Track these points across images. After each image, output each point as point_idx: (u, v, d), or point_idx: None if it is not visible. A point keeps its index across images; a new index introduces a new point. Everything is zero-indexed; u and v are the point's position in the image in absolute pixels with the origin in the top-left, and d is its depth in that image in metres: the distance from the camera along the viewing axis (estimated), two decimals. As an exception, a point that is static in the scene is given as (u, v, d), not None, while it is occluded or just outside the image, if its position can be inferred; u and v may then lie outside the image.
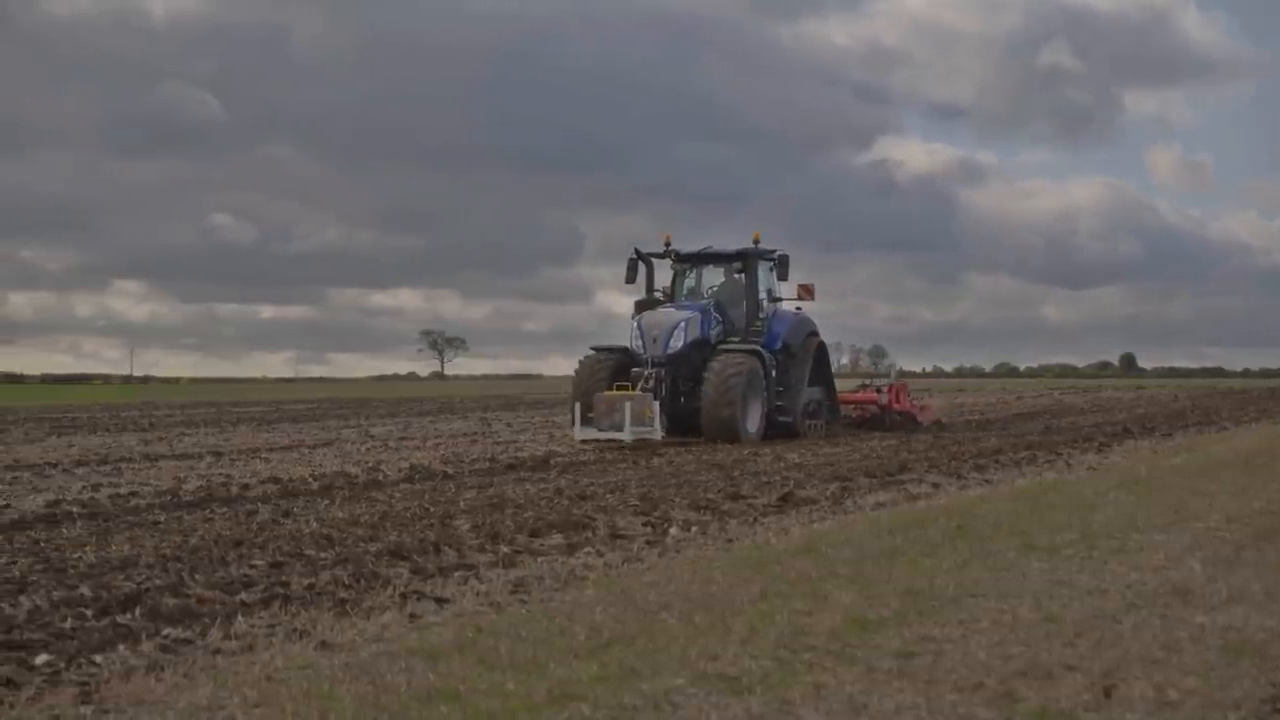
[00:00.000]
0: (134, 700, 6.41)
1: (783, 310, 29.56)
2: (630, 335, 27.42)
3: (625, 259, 29.36)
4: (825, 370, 30.65)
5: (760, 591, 9.11)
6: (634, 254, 29.39)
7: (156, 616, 8.35)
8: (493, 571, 10.35)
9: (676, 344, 26.82)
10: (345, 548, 11.38)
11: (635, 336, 27.21)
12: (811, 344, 29.71)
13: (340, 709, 6.18)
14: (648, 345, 26.88)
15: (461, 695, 6.43)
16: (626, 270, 29.22)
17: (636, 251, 29.43)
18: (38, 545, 11.57)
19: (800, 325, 29.53)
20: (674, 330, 26.92)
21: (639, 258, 29.41)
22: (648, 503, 15.05)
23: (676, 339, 26.86)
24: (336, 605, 8.86)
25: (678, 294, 29.52)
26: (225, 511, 14.27)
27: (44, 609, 8.44)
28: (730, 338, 28.28)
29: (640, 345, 27.01)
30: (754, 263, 29.07)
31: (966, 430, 32.72)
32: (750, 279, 29.02)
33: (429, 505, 14.82)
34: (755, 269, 29.08)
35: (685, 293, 29.54)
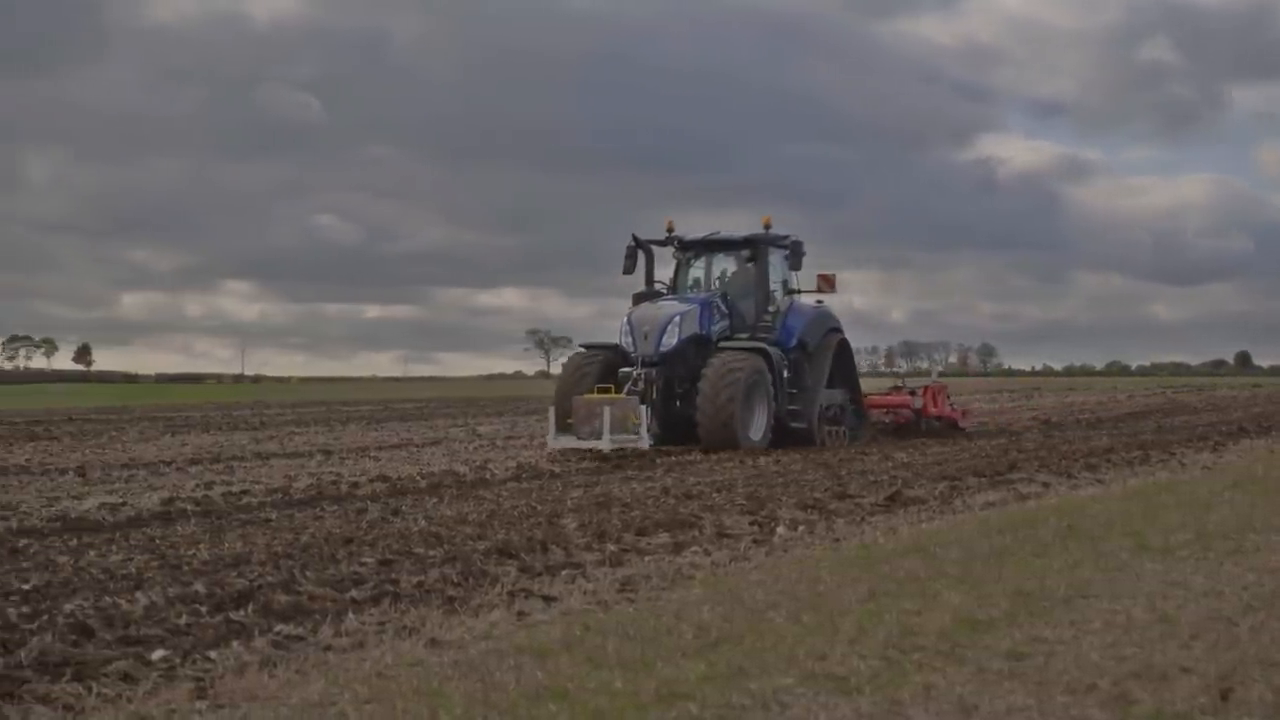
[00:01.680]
0: (248, 696, 6.48)
1: (800, 304, 26.86)
2: (620, 332, 24.75)
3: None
4: (849, 371, 28.08)
5: (868, 591, 9.05)
6: (632, 241, 26.57)
7: (269, 613, 8.44)
8: (600, 570, 10.36)
9: (670, 341, 24.10)
10: (454, 546, 11.45)
11: (625, 333, 24.54)
12: (832, 341, 27.00)
13: (449, 706, 6.21)
14: (638, 343, 24.15)
15: (570, 693, 6.44)
16: (624, 260, 26.46)
17: (634, 239, 26.60)
18: (153, 542, 11.75)
19: (819, 320, 26.82)
20: (667, 326, 24.19)
21: (637, 245, 26.59)
22: (754, 502, 15.01)
23: (670, 336, 24.14)
24: (445, 603, 8.91)
25: (681, 286, 26.82)
26: (335, 509, 14.42)
27: (160, 605, 8.56)
28: (739, 334, 25.52)
29: (630, 343, 24.32)
30: (764, 250, 26.23)
31: (1077, 429, 32.31)
32: (760, 268, 26.20)
33: (536, 504, 14.88)
34: (766, 257, 26.27)
35: (690, 285, 26.88)
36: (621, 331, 24.58)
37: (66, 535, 12.29)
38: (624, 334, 24.49)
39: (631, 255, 26.42)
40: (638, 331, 24.20)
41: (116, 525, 13.10)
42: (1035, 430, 31.95)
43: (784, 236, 26.41)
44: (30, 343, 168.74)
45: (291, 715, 6.15)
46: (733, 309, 25.76)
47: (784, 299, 26.60)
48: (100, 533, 12.48)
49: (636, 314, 24.68)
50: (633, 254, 26.43)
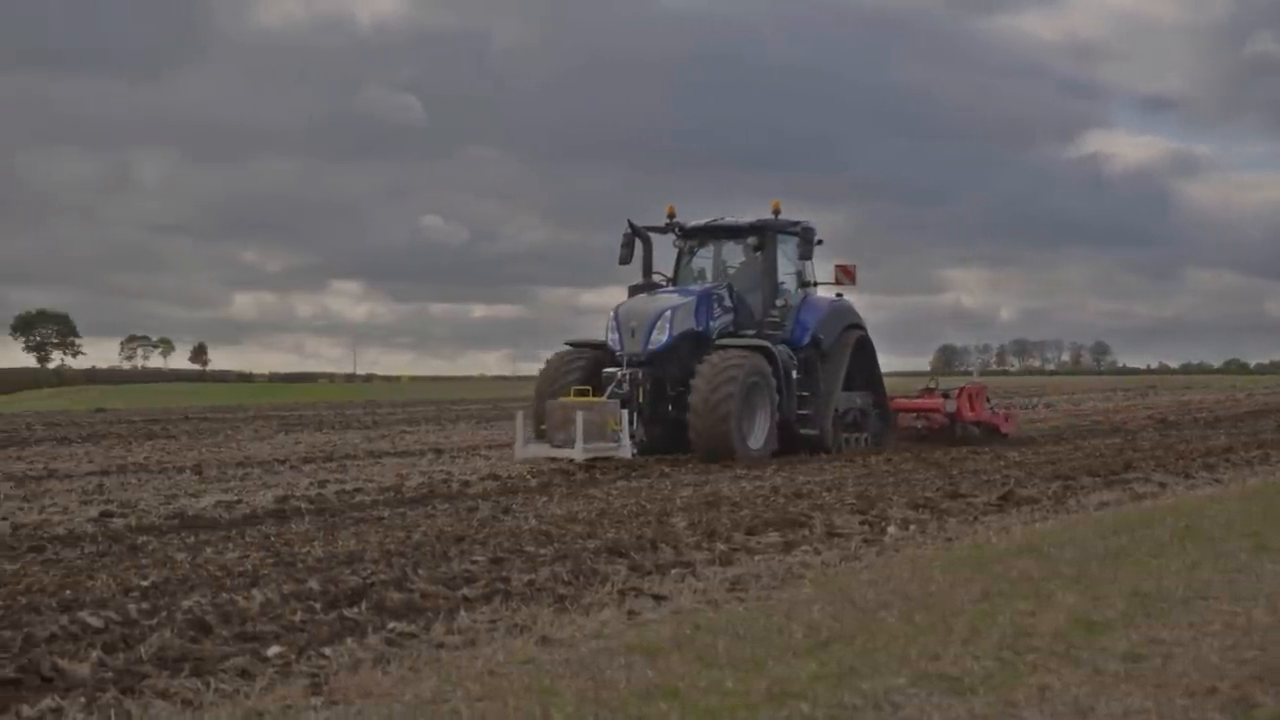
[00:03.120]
0: (362, 693, 6.54)
1: (815, 297, 24.26)
2: (606, 328, 22.29)
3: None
4: (872, 371, 25.30)
5: (981, 591, 8.96)
6: (628, 228, 23.97)
7: (382, 610, 8.51)
8: (710, 569, 10.35)
9: (660, 338, 21.57)
10: (564, 544, 11.49)
11: (611, 329, 22.05)
12: (850, 339, 24.36)
13: (561, 704, 6.22)
14: (624, 339, 21.68)
15: (681, 692, 6.43)
16: (620, 248, 23.85)
17: (631, 225, 23.98)
18: (268, 540, 11.90)
19: (836, 315, 24.24)
20: (657, 321, 21.66)
21: (634, 232, 23.98)
22: (865, 501, 14.92)
23: (660, 332, 21.61)
24: (556, 601, 8.94)
25: (683, 277, 24.23)
26: (447, 508, 14.52)
27: (275, 602, 8.66)
28: (745, 330, 22.88)
29: (616, 340, 21.87)
30: (772, 238, 23.57)
31: (1194, 428, 31.81)
32: (768, 258, 23.53)
33: (645, 503, 14.89)
34: (774, 246, 23.62)
35: (694, 276, 24.33)
36: (608, 327, 22.16)
37: (184, 533, 12.48)
38: (610, 330, 22.06)
39: (628, 243, 23.87)
40: (624, 327, 21.78)
41: (232, 523, 13.28)
42: (1151, 429, 31.49)
43: (794, 223, 23.70)
44: (147, 343, 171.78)
45: (404, 712, 6.19)
46: (739, 303, 23.24)
47: (797, 292, 24.10)
48: (217, 530, 12.66)
49: (625, 308, 22.25)
50: (629, 242, 23.89)
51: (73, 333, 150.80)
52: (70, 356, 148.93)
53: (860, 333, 24.76)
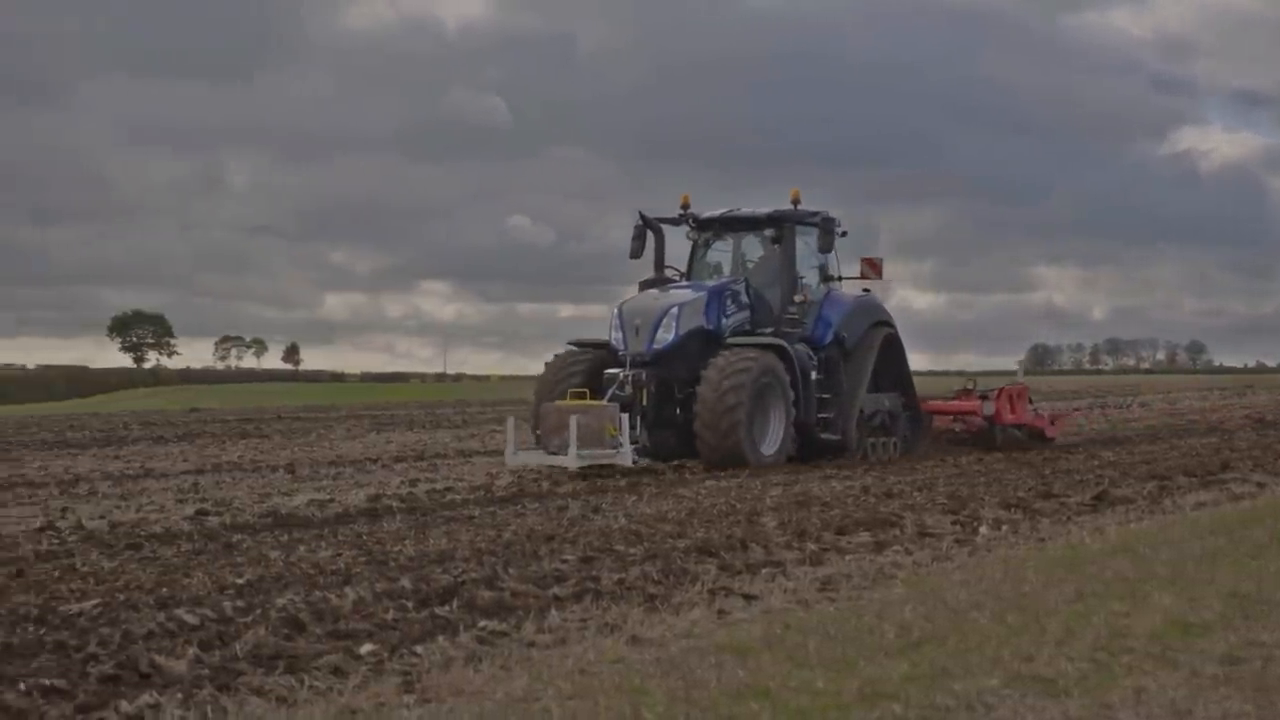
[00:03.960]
0: (453, 691, 6.57)
1: (839, 293, 22.67)
2: (609, 326, 20.75)
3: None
4: (901, 371, 23.61)
5: (1075, 592, 8.87)
6: (639, 220, 22.52)
7: (473, 609, 8.55)
8: (800, 569, 10.31)
9: (665, 337, 20.06)
10: (654, 544, 11.49)
11: (614, 327, 20.49)
12: (876, 337, 22.69)
13: (652, 703, 6.22)
14: (628, 338, 20.19)
15: (772, 692, 6.41)
16: (631, 241, 22.50)
17: (642, 216, 22.52)
18: (360, 538, 11.99)
19: (861, 312, 22.63)
20: (662, 318, 20.14)
21: (645, 224, 22.52)
22: (956, 501, 14.82)
23: (665, 330, 20.09)
24: (646, 601, 8.94)
25: (698, 271, 22.68)
26: (536, 507, 14.57)
27: (367, 600, 8.72)
28: (763, 328, 21.35)
29: (619, 338, 20.35)
30: (790, 229, 21.95)
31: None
32: (786, 250, 21.92)
33: (735, 502, 14.87)
34: (792, 237, 21.98)
35: (710, 270, 22.80)
36: (611, 325, 20.64)
37: (278, 531, 12.61)
38: (613, 328, 20.51)
39: (639, 236, 22.45)
40: (628, 325, 20.29)
41: (325, 521, 13.39)
42: (1248, 429, 31.03)
43: (813, 213, 22.00)
44: (241, 343, 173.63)
45: (496, 711, 6.22)
46: (757, 299, 21.68)
47: (819, 287, 22.51)
48: (309, 529, 12.77)
49: (629, 304, 20.74)
50: (640, 234, 22.46)
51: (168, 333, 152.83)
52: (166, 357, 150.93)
53: (888, 330, 23.17)
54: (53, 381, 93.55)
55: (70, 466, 21.26)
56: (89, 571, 10.12)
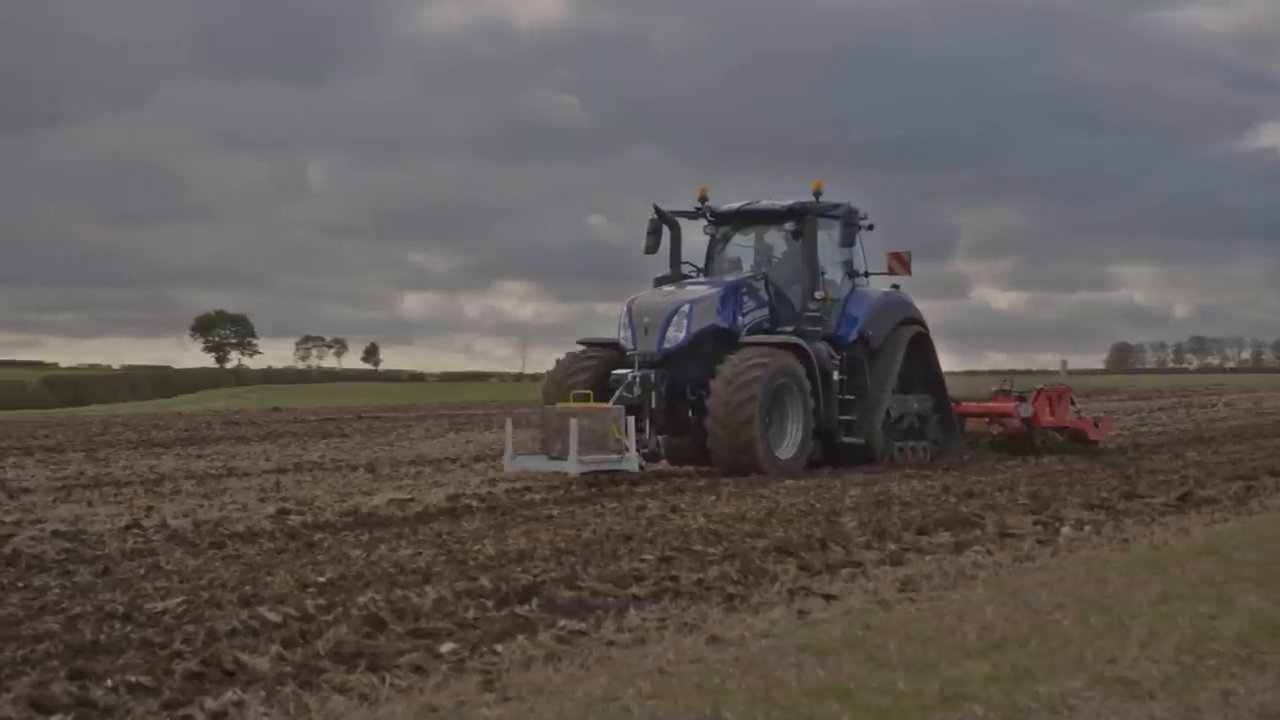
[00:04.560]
0: (534, 690, 6.59)
1: (864, 290, 21.52)
2: (618, 324, 19.71)
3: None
4: (931, 372, 22.40)
5: (1160, 593, 8.78)
6: (654, 213, 21.32)
7: (553, 608, 8.57)
8: (880, 569, 10.27)
9: (676, 335, 19.00)
10: (732, 543, 11.48)
11: (623, 326, 19.46)
12: (904, 335, 21.50)
13: (732, 703, 6.22)
14: (637, 337, 19.18)
15: (852, 692, 6.39)
16: (646, 236, 21.37)
17: (657, 210, 21.31)
18: (440, 537, 12.04)
19: (888, 309, 21.50)
20: (673, 316, 19.10)
21: (661, 218, 21.32)
22: (1038, 501, 14.70)
23: (676, 329, 19.03)
24: (725, 600, 8.94)
25: (715, 267, 21.51)
26: (615, 506, 14.58)
27: (448, 599, 8.77)
28: (784, 326, 20.28)
29: (629, 337, 19.34)
30: (811, 222, 20.66)
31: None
32: (807, 244, 20.67)
33: (815, 502, 14.82)
34: (814, 231, 20.70)
35: (730, 266, 21.57)
36: (620, 324, 19.59)
37: (358, 530, 12.69)
38: (622, 326, 19.49)
39: (655, 231, 21.31)
40: (637, 323, 19.26)
41: (405, 520, 13.46)
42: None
43: (835, 205, 20.84)
44: (321, 343, 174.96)
45: (576, 709, 6.23)
46: (778, 296, 20.55)
47: (843, 283, 21.32)
48: (390, 528, 12.85)
49: (638, 301, 19.67)
50: (656, 229, 21.31)
51: (250, 334, 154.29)
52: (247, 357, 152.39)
53: (917, 328, 21.95)
54: (137, 382, 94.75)
55: (155, 466, 21.51)
56: (173, 570, 10.24)
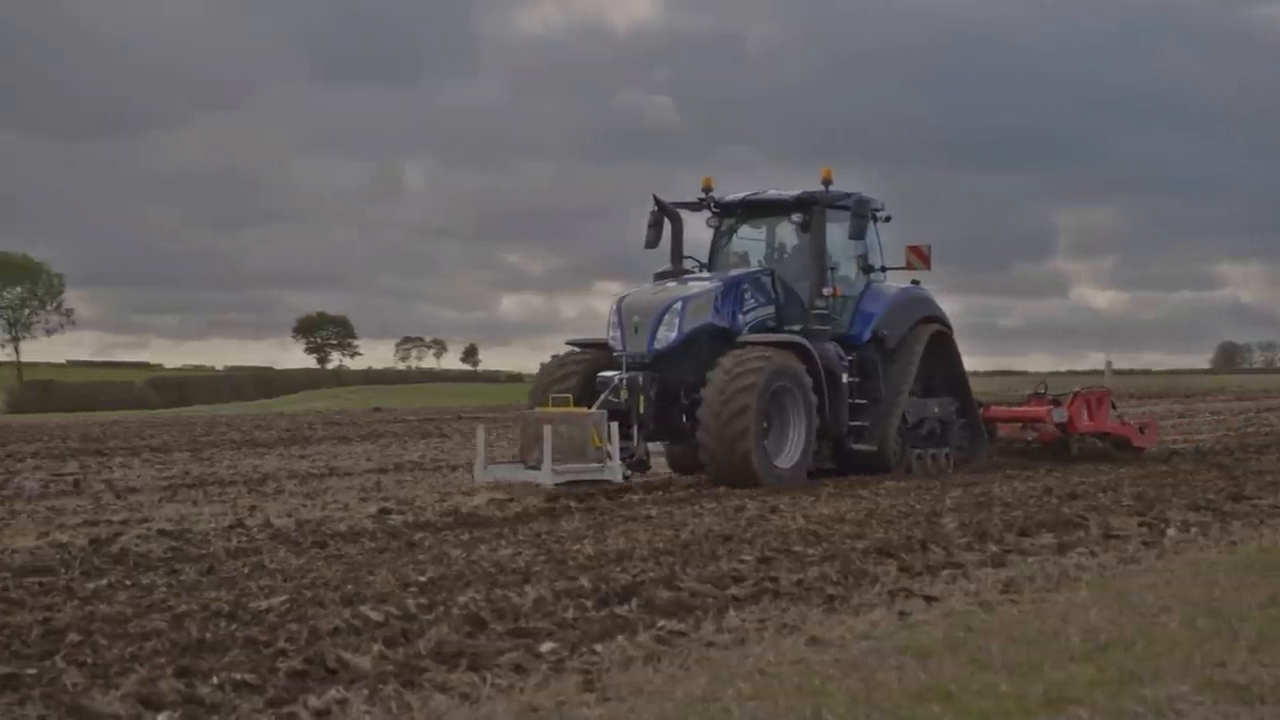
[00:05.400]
0: (633, 690, 6.59)
1: (879, 286, 20.09)
2: (607, 323, 18.33)
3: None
4: (954, 373, 20.99)
5: (1269, 596, 8.64)
6: (655, 205, 19.90)
7: (652, 608, 8.57)
8: (981, 570, 10.18)
9: (668, 335, 17.61)
10: (832, 544, 11.43)
11: (612, 325, 18.08)
12: (922, 334, 20.09)
13: (832, 704, 6.19)
14: (626, 337, 17.81)
15: (953, 695, 6.34)
16: (647, 229, 19.90)
17: (657, 201, 19.88)
18: (539, 538, 12.09)
19: (905, 306, 20.11)
20: (664, 314, 17.68)
21: (662, 210, 19.90)
22: (1142, 502, 14.51)
23: (668, 328, 17.62)
24: (825, 601, 8.90)
25: (720, 261, 20.08)
26: (714, 507, 14.56)
27: (547, 599, 8.79)
28: (791, 325, 18.85)
29: (617, 337, 17.95)
30: (819, 214, 19.16)
31: None
32: (815, 237, 19.20)
33: (915, 503, 14.72)
34: (822, 223, 19.23)
35: (736, 260, 20.16)
36: (609, 323, 18.24)
37: (458, 530, 12.76)
38: (611, 325, 18.13)
39: (655, 223, 19.89)
40: (627, 322, 17.89)
41: (505, 520, 13.53)
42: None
43: (845, 194, 19.32)
44: (421, 344, 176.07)
45: (676, 710, 6.23)
46: (786, 292, 19.14)
47: (858, 278, 19.92)
48: (490, 527, 12.91)
49: (628, 299, 18.25)
50: (657, 222, 19.89)
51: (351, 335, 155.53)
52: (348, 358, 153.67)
53: (937, 327, 20.50)
54: (240, 383, 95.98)
55: (258, 465, 21.78)
56: (277, 569, 10.35)
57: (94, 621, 8.08)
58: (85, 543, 11.77)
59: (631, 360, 17.58)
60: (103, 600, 8.91)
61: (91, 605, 8.71)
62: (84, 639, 7.52)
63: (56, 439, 30.76)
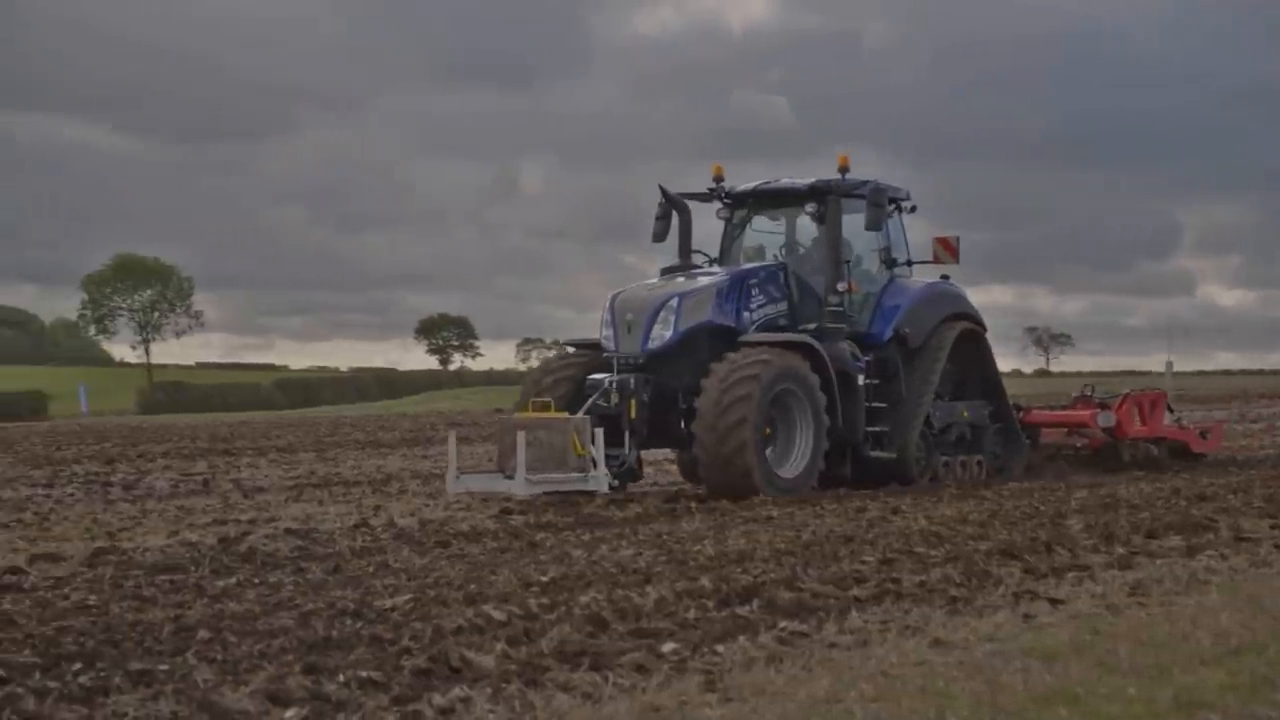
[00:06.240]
0: (755, 690, 6.58)
1: (903, 281, 18.67)
2: (600, 321, 17.21)
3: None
4: (987, 374, 19.55)
5: None
6: (662, 197, 18.64)
7: (773, 609, 8.54)
8: (1107, 573, 10.05)
9: (663, 334, 16.43)
10: (955, 546, 11.33)
11: (605, 324, 16.95)
12: (949, 333, 18.61)
13: (956, 707, 6.14)
14: (619, 337, 16.71)
15: (1081, 698, 6.26)
16: (654, 221, 18.69)
17: (664, 192, 18.61)
18: (660, 538, 12.10)
19: (931, 303, 18.67)
20: (659, 312, 16.50)
21: (669, 202, 18.63)
22: (1275, 504, 14.25)
23: (663, 326, 16.44)
24: (948, 603, 8.82)
25: (732, 255, 18.83)
26: (835, 508, 14.50)
27: (669, 599, 8.80)
28: (805, 324, 17.53)
29: (610, 337, 16.87)
30: (834, 204, 17.73)
31: None
32: (830, 228, 17.80)
33: (1039, 504, 14.57)
34: (838, 213, 17.78)
35: (751, 254, 18.96)
36: (602, 321, 17.08)
37: (579, 530, 12.81)
38: (604, 324, 16.98)
39: (663, 216, 18.61)
40: (620, 321, 16.76)
41: (625, 521, 13.56)
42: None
43: (861, 182, 17.84)
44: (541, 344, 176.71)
45: (799, 711, 6.21)
46: (802, 288, 17.89)
47: (880, 273, 18.59)
48: (610, 528, 12.95)
49: (622, 295, 17.08)
50: (665, 214, 18.61)
51: (472, 335, 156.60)
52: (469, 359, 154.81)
53: (966, 324, 19.00)
54: (364, 383, 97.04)
55: (382, 466, 22.05)
56: (401, 568, 10.45)
57: (223, 619, 8.22)
58: (214, 541, 11.98)
59: (624, 361, 16.51)
60: (232, 598, 9.06)
61: (221, 603, 8.86)
62: (214, 636, 7.65)
63: (186, 439, 31.39)
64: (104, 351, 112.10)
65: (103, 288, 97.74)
